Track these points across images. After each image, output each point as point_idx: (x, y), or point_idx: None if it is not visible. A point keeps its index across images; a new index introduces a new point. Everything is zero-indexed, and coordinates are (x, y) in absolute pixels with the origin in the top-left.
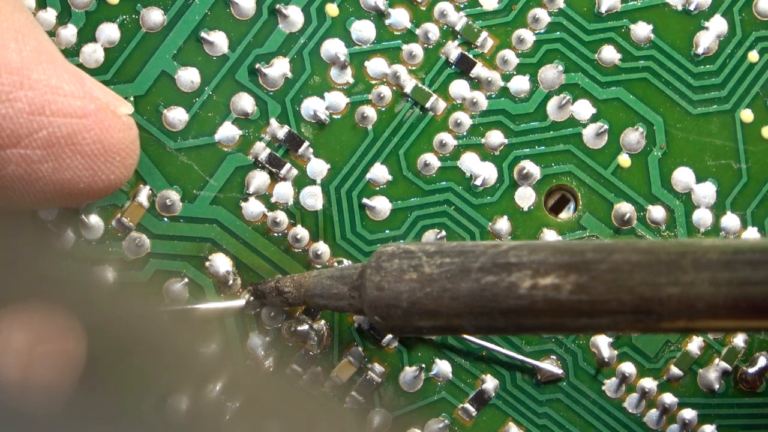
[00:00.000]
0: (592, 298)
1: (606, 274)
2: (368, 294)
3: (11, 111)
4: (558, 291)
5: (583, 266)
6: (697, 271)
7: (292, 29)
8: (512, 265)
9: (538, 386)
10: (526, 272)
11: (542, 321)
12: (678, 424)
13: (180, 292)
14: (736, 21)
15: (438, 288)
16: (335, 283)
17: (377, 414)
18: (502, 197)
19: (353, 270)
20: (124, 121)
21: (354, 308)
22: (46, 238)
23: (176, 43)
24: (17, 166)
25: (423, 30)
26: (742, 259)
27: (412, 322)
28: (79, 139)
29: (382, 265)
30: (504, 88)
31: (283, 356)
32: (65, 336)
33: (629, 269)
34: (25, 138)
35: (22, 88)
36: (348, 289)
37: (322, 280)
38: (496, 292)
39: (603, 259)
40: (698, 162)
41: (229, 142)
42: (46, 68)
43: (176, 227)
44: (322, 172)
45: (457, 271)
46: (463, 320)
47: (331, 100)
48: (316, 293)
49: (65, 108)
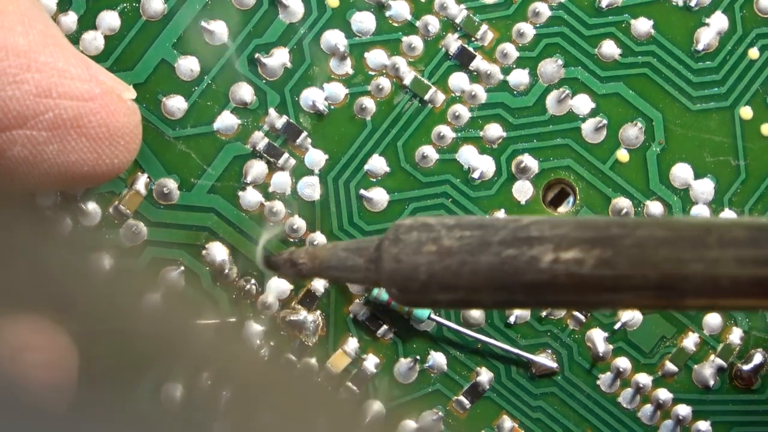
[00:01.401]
0: (615, 272)
1: (630, 249)
2: (386, 266)
3: (18, 93)
4: (580, 265)
5: (607, 241)
6: (722, 248)
7: (293, 19)
8: (534, 239)
9: (533, 380)
10: (547, 246)
11: (563, 296)
12: (672, 419)
13: (176, 280)
14: (737, 18)
15: (457, 261)
16: (351, 254)
17: (371, 405)
18: (500, 190)
19: (370, 242)
20: (129, 106)
21: (370, 280)
22: (44, 226)
23: (176, 32)
24: (23, 147)
25: (423, 22)
26: (767, 237)
27: (430, 295)
28: (85, 122)
29: (401, 237)
30: (503, 81)
31: (278, 345)
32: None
33: (654, 245)
34: (31, 119)
35: (29, 70)
36: (364, 261)
37: (337, 251)
38: (517, 265)
39: (627, 234)
40: (697, 158)
41: (227, 131)
42: (53, 51)
43: (173, 215)
44: (320, 163)
45: (476, 244)
46: (482, 295)
47: (330, 91)
48: (331, 265)
49: (72, 91)
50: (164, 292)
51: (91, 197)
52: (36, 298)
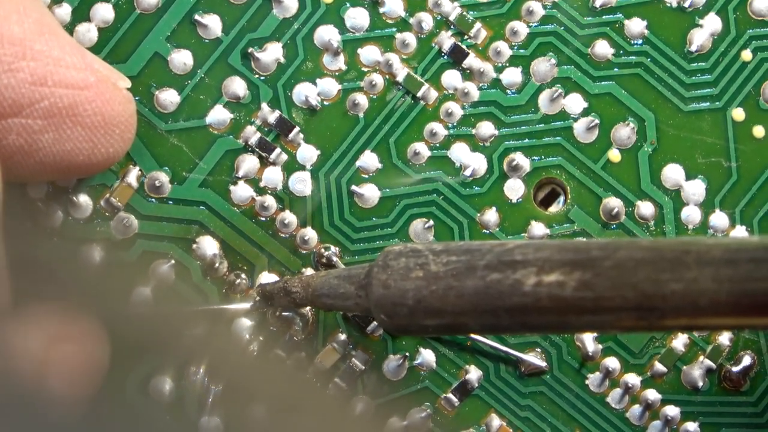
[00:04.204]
0: (595, 294)
1: (610, 271)
2: (374, 292)
3: (13, 81)
4: (562, 288)
5: (587, 263)
6: (700, 267)
7: (286, 14)
8: (517, 262)
9: (522, 378)
10: (531, 269)
11: (546, 318)
12: (661, 420)
13: (166, 274)
14: (731, 19)
15: (444, 286)
16: (342, 282)
17: (360, 401)
18: (491, 188)
19: (361, 269)
20: (124, 94)
21: (361, 308)
22: (34, 217)
23: (170, 25)
24: (18, 135)
25: (417, 19)
26: (745, 257)
27: (418, 320)
28: (80, 111)
29: (389, 264)
30: (496, 79)
31: (267, 341)
32: (85, 338)
33: (633, 266)
34: (27, 108)
35: (25, 58)
36: (355, 289)
37: (329, 279)
38: (501, 289)
39: (607, 256)
40: (688, 159)
41: (219, 125)
42: (49, 40)
43: (164, 209)
44: (312, 158)
45: (463, 268)
46: (469, 318)
47: (323, 87)
48: (323, 293)
49: (67, 79)
50: (154, 286)
51: (83, 189)
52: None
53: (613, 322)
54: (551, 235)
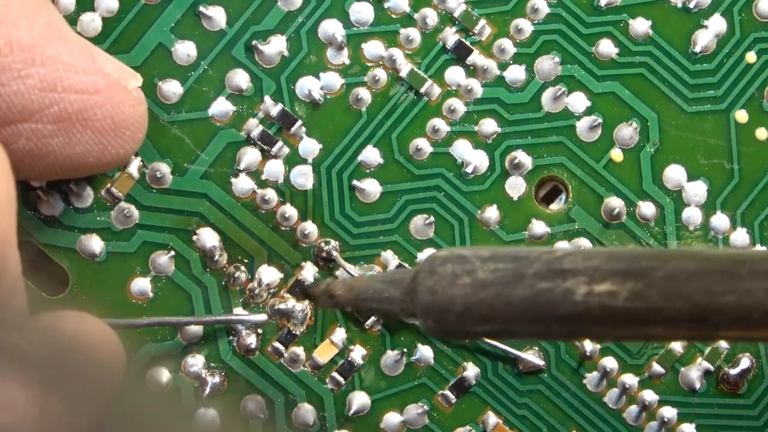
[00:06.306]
0: (647, 305)
1: (662, 282)
2: (421, 298)
3: (23, 87)
4: (614, 298)
5: (639, 273)
6: (753, 279)
7: (291, 7)
8: (567, 271)
9: (519, 376)
10: (581, 278)
11: (597, 328)
12: (657, 421)
13: (166, 265)
14: (736, 21)
15: (492, 294)
16: (387, 286)
17: (356, 396)
18: (493, 186)
19: (405, 274)
20: (134, 96)
21: (406, 312)
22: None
23: (174, 16)
24: (28, 140)
25: (421, 15)
26: None
27: (466, 327)
28: (90, 115)
29: (436, 270)
30: (500, 76)
31: (265, 334)
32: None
33: (685, 277)
34: (37, 113)
35: (34, 65)
36: (400, 293)
37: (373, 283)
38: (551, 298)
39: (659, 266)
40: (690, 160)
41: (222, 117)
42: (58, 45)
43: (165, 200)
44: (314, 152)
45: (510, 276)
46: (518, 326)
47: (326, 81)
48: (367, 297)
49: (77, 84)
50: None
51: (84, 179)
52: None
53: (665, 333)
54: (552, 234)
